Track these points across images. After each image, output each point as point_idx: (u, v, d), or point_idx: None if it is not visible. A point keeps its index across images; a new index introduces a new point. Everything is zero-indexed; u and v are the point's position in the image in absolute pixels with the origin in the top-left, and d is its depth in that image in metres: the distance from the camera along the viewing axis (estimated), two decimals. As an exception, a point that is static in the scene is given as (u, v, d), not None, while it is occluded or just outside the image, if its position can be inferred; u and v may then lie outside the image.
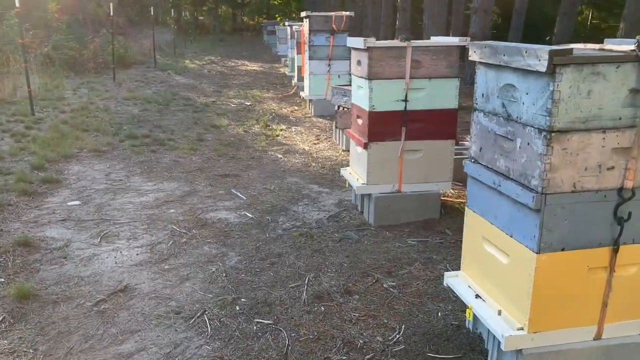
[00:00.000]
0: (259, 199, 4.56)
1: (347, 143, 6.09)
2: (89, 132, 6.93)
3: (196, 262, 3.37)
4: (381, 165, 3.79)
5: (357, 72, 3.90)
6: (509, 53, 1.88)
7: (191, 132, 7.14)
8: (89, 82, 11.87)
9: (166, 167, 5.48)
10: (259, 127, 7.53)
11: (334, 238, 3.71)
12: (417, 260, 3.31)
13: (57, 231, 3.83)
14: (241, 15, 49.51)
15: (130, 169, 5.42)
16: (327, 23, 8.13)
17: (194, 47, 25.28)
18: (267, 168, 5.52)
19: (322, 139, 6.85)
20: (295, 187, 4.90)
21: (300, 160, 5.80)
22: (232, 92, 11.09)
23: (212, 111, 8.78)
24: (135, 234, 3.81)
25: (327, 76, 8.34)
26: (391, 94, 3.68)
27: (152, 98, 9.81)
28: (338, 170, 5.38)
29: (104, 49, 14.98)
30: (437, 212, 3.94)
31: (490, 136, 2.10)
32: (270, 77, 14.18)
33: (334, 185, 4.92)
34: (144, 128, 7.31)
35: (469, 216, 2.32)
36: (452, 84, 3.75)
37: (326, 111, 8.39)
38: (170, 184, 4.96)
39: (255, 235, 3.79)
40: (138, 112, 8.47)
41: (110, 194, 4.66)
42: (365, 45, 3.57)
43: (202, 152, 6.13)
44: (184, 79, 13.45)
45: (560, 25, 14.80)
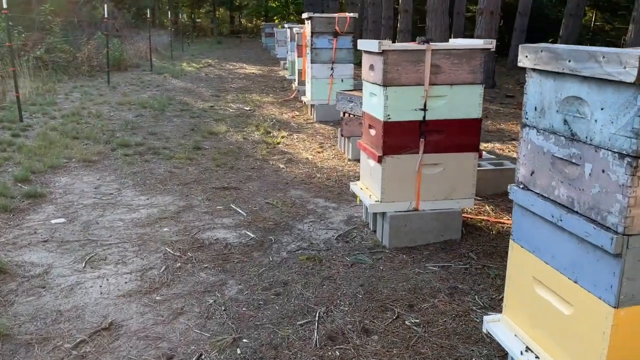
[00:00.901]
0: (261, 216, 4.18)
1: (354, 152, 5.72)
2: (79, 139, 6.55)
3: (191, 292, 2.99)
4: (397, 180, 3.43)
5: (369, 77, 3.53)
6: (576, 58, 1.52)
7: (188, 139, 6.77)
8: (82, 86, 11.50)
9: (160, 179, 5.11)
10: (259, 134, 7.16)
11: (345, 262, 3.33)
12: (441, 291, 2.94)
13: (37, 255, 3.45)
14: (239, 18, 49.19)
15: (121, 181, 5.04)
16: (330, 25, 7.77)
17: (192, 50, 24.92)
18: (269, 179, 5.15)
19: (326, 147, 6.48)
20: (299, 201, 4.53)
21: (303, 171, 5.43)
22: (231, 97, 10.72)
23: (209, 117, 8.41)
24: (124, 258, 3.43)
25: (329, 80, 7.98)
26: (408, 102, 3.32)
27: (148, 103, 9.43)
28: (345, 182, 5.01)
29: (98, 52, 14.62)
30: (458, 232, 3.57)
31: (546, 159, 1.73)
32: (269, 80, 13.82)
33: (342, 199, 4.55)
34: (138, 135, 6.93)
35: (514, 251, 1.95)
36: (475, 91, 3.39)
37: (329, 117, 8.03)
38: (165, 198, 4.58)
39: (258, 258, 3.42)
40: (132, 118, 8.09)
41: (99, 210, 4.28)
42: (380, 48, 3.21)
43: (199, 161, 5.75)
44: (181, 82, 13.08)
45: (566, 27, 14.48)
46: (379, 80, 3.31)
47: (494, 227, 3.81)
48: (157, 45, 21.68)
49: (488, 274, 3.12)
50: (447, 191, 3.51)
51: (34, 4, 17.87)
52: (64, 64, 13.54)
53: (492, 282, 3.03)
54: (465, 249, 3.46)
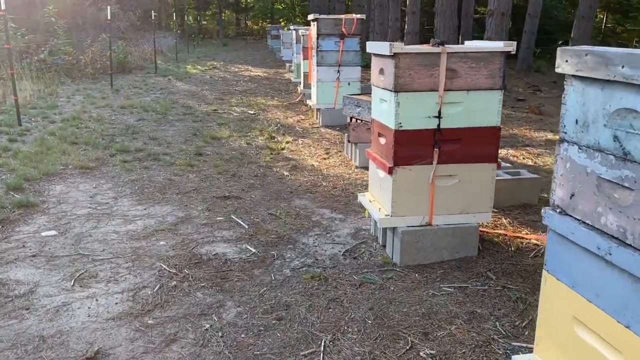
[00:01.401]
0: (263, 228, 3.95)
1: (362, 159, 5.48)
2: (77, 145, 6.34)
3: (186, 316, 2.76)
4: (409, 193, 3.18)
5: (379, 82, 3.29)
6: (632, 64, 1.28)
7: (189, 145, 6.55)
8: (85, 89, 11.33)
9: (159, 187, 4.88)
10: (263, 139, 6.94)
11: (352, 282, 3.09)
12: (458, 316, 2.69)
13: (23, 271, 3.23)
14: (245, 20, 49.09)
15: (118, 190, 4.82)
16: (337, 26, 7.54)
17: (197, 52, 24.78)
18: (272, 188, 4.91)
19: (332, 153, 6.24)
20: (304, 212, 4.29)
21: (308, 179, 5.19)
22: (235, 100, 10.51)
23: (213, 121, 8.19)
24: (116, 275, 3.20)
25: (336, 83, 7.74)
26: (421, 109, 3.08)
27: (150, 106, 9.23)
28: (352, 191, 4.77)
29: (102, 54, 14.46)
30: (474, 249, 3.32)
31: (590, 180, 1.49)
32: (274, 83, 13.60)
33: (349, 210, 4.31)
34: (138, 140, 6.72)
35: (549, 284, 1.71)
36: (494, 97, 3.14)
37: (335, 121, 7.80)
38: (163, 208, 4.36)
39: (259, 277, 3.18)
40: (133, 122, 7.89)
41: (93, 221, 4.06)
42: (391, 51, 2.97)
43: (200, 168, 5.53)
44: (185, 85, 12.89)
45: (577, 29, 14.18)
46: (390, 85, 3.07)
47: (513, 243, 3.55)
48: (162, 47, 21.55)
49: (509, 297, 2.87)
50: (462, 205, 3.26)
51: (38, 6, 17.76)
52: (68, 67, 13.39)
53: (513, 306, 2.78)
54: (483, 268, 3.21)
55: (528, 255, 3.38)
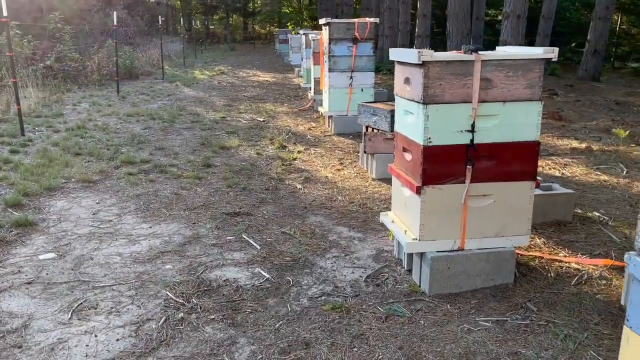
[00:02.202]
0: (276, 249, 3.67)
1: (379, 171, 5.19)
2: (81, 156, 6.10)
3: (194, 355, 2.47)
4: (439, 215, 2.89)
5: (404, 93, 3.01)
6: None
7: (197, 155, 6.28)
8: (91, 96, 11.13)
9: (165, 203, 4.62)
10: (273, 148, 6.66)
11: (378, 314, 2.80)
12: (500, 358, 2.39)
13: (17, 301, 2.96)
14: (252, 24, 49.01)
15: (122, 205, 4.56)
16: (350, 31, 7.26)
17: (204, 57, 24.62)
18: (285, 203, 4.63)
19: (346, 163, 5.95)
20: (319, 230, 4.00)
21: (323, 193, 4.91)
22: (244, 106, 10.25)
23: (221, 129, 7.94)
24: (118, 305, 2.93)
25: (348, 90, 7.46)
26: (453, 123, 2.79)
27: (157, 114, 9.00)
28: (369, 206, 4.48)
29: (109, 60, 14.28)
30: (510, 275, 3.02)
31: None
32: (283, 88, 13.35)
33: (368, 228, 4.02)
34: (144, 150, 6.47)
35: (632, 344, 1.41)
36: (532, 109, 2.84)
37: (348, 129, 7.52)
38: (169, 227, 4.09)
39: (274, 307, 2.90)
40: (140, 131, 7.65)
41: (95, 242, 3.79)
42: (420, 59, 2.68)
43: (209, 181, 5.26)
44: (193, 91, 12.67)
45: (594, 30, 13.82)
46: (418, 96, 2.78)
47: (551, 268, 3.24)
48: (169, 52, 21.40)
49: (556, 334, 2.56)
50: (497, 227, 2.96)
51: (45, 12, 17.63)
52: (74, 73, 13.20)
53: (562, 346, 2.47)
54: (521, 297, 2.90)
55: (570, 283, 3.07)
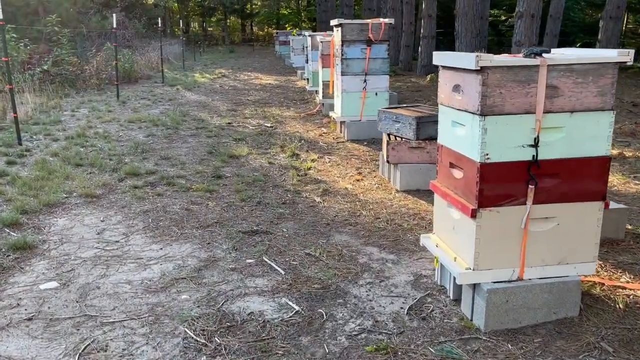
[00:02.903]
0: (302, 274, 3.31)
1: (404, 182, 4.84)
2: (82, 167, 5.74)
3: (224, 413, 2.12)
4: (496, 241, 2.54)
5: (453, 102, 2.66)
6: None
7: (205, 165, 5.93)
8: (90, 101, 10.77)
9: (176, 220, 4.26)
10: (285, 156, 6.31)
11: (429, 356, 2.44)
12: (586, 416, 2.04)
13: (17, 343, 2.60)
14: (250, 26, 48.68)
15: (129, 223, 4.20)
16: (363, 32, 6.92)
17: (204, 59, 24.28)
18: (305, 219, 4.28)
19: (365, 172, 5.60)
20: (347, 251, 3.65)
21: (345, 206, 4.56)
22: (249, 111, 9.90)
23: (228, 135, 7.58)
24: (131, 346, 2.57)
25: (362, 94, 7.12)
26: (514, 137, 2.44)
27: (160, 120, 8.64)
28: (398, 222, 4.13)
29: (108, 64, 13.92)
30: (575, 308, 2.67)
31: None
32: (287, 91, 13.00)
33: (400, 249, 3.67)
34: (149, 160, 6.11)
35: None
36: (603, 119, 2.50)
37: (362, 135, 7.17)
38: (182, 248, 3.73)
39: (309, 348, 2.54)
40: (143, 139, 7.29)
41: (101, 267, 3.44)
42: (478, 64, 2.33)
43: (221, 194, 4.90)
44: (195, 95, 12.32)
45: (605, 30, 13.51)
46: (474, 107, 2.43)
47: (617, 297, 2.89)
48: (168, 55, 21.03)
49: (642, 383, 2.22)
50: (561, 254, 2.61)
51: (41, 15, 17.26)
52: (72, 77, 12.84)
53: (654, 399, 2.13)
54: (592, 334, 2.55)
55: (642, 315, 2.73)
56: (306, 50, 12.83)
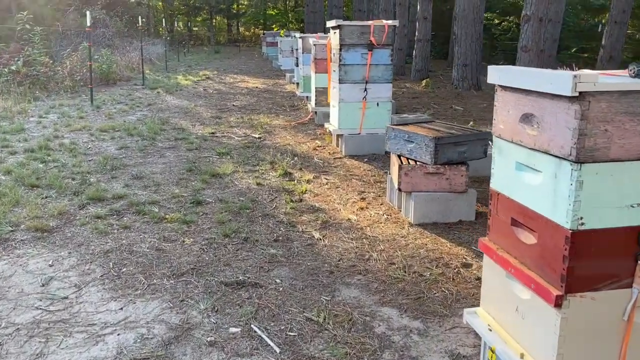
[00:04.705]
0: (304, 352, 2.53)
1: (418, 214, 4.08)
2: (38, 189, 4.89)
3: None
4: (588, 337, 1.78)
5: (524, 138, 1.90)
6: None
7: (183, 186, 5.11)
8: (61, 106, 9.87)
9: (143, 265, 3.45)
10: (276, 176, 5.52)
11: None
12: None
13: None
14: (237, 26, 47.74)
15: (85, 269, 3.38)
16: (364, 35, 6.16)
17: (188, 60, 23.33)
18: (303, 263, 3.49)
19: (369, 198, 4.83)
20: (358, 314, 2.87)
21: (350, 246, 3.78)
22: (234, 119, 9.08)
23: (211, 148, 6.76)
24: None
25: (362, 104, 6.36)
26: (622, 194, 1.69)
27: (136, 128, 7.79)
28: (417, 270, 3.36)
29: (83, 65, 12.98)
30: None
31: None
32: (276, 96, 12.20)
33: (426, 311, 2.90)
34: (119, 180, 5.28)
35: None
36: None
37: (361, 150, 6.41)
38: (148, 307, 2.93)
39: None
40: (114, 152, 6.44)
41: (39, 340, 2.62)
42: (575, 88, 1.57)
43: (200, 227, 4.10)
44: (176, 99, 11.46)
45: (609, 36, 12.92)
46: (563, 149, 1.67)
47: None
48: (150, 55, 20.12)
49: None
50: (675, 353, 1.86)
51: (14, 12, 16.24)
52: (43, 79, 11.91)
53: None
54: None
55: None
56: (296, 52, 12.06)
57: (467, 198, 4.12)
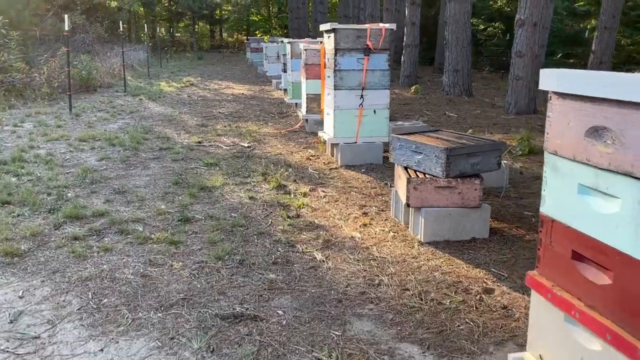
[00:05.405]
0: (317, 401, 2.17)
1: (428, 232, 3.75)
2: (10, 206, 4.47)
3: None
4: (678, 403, 1.45)
5: (593, 155, 1.57)
6: None
7: (170, 201, 4.72)
8: (38, 114, 9.42)
9: (127, 295, 3.06)
10: (269, 188, 5.15)
11: None
12: None
13: None
14: (220, 32, 47.32)
15: (60, 301, 2.98)
16: (360, 39, 5.84)
17: (171, 66, 22.88)
18: (307, 290, 3.13)
19: (372, 213, 4.49)
20: (375, 352, 2.52)
21: (357, 268, 3.43)
22: (221, 127, 8.70)
23: (198, 159, 6.37)
24: None
25: (358, 112, 6.03)
26: None
27: (117, 138, 7.37)
28: (437, 298, 3.02)
29: (62, 71, 12.48)
30: None
31: None
32: (263, 103, 11.85)
33: (452, 348, 2.56)
34: (99, 195, 4.87)
35: None
36: None
37: (358, 159, 6.08)
38: (132, 347, 2.54)
39: None
40: (94, 163, 6.03)
41: (3, 392, 2.22)
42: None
43: (189, 248, 3.72)
44: (160, 106, 11.04)
45: (599, 41, 12.81)
46: (657, 172, 1.35)
47: None
48: (132, 61, 19.62)
49: None
50: None
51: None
52: (20, 86, 11.40)
53: None
54: None
55: None
56: (283, 58, 11.71)
57: (480, 214, 3.80)
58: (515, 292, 3.08)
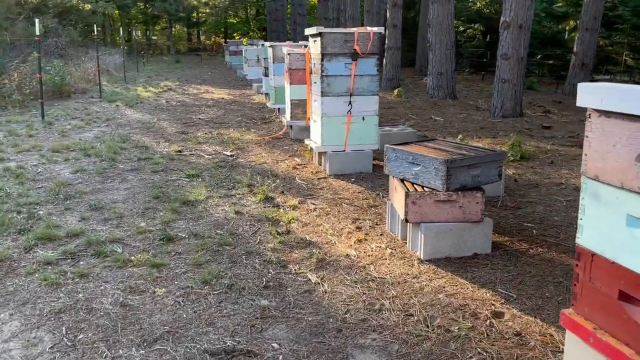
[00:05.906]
0: None
1: (429, 248, 3.53)
2: (-25, 227, 4.13)
3: None
4: None
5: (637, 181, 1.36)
6: None
7: (151, 217, 4.43)
8: (8, 122, 9.00)
9: (105, 329, 2.77)
10: (256, 201, 4.89)
11: None
12: None
13: None
14: (197, 35, 46.75)
15: (30, 338, 2.69)
16: (348, 43, 5.62)
17: (147, 70, 22.39)
18: (303, 319, 2.89)
19: (366, 227, 4.26)
20: (383, 390, 2.29)
21: (355, 292, 3.20)
22: (202, 134, 8.40)
23: (179, 169, 6.08)
24: None
25: (347, 118, 5.81)
26: None
27: (93, 148, 7.03)
28: (443, 324, 2.81)
29: (33, 77, 12.02)
30: None
31: None
32: (244, 108, 11.56)
33: (465, 383, 2.34)
34: (74, 212, 4.56)
35: None
36: None
37: (347, 168, 5.86)
38: (112, 393, 2.27)
39: None
40: (68, 176, 5.70)
41: None
42: None
43: (173, 271, 3.44)
44: (137, 113, 10.68)
45: (581, 42, 12.82)
46: None
47: None
48: (108, 65, 19.11)
49: None
50: None
51: (-43, 20, 15.07)
52: (-12, 93, 10.94)
53: None
54: None
55: None
56: (264, 61, 11.45)
57: (482, 228, 3.60)
58: (526, 316, 2.88)
